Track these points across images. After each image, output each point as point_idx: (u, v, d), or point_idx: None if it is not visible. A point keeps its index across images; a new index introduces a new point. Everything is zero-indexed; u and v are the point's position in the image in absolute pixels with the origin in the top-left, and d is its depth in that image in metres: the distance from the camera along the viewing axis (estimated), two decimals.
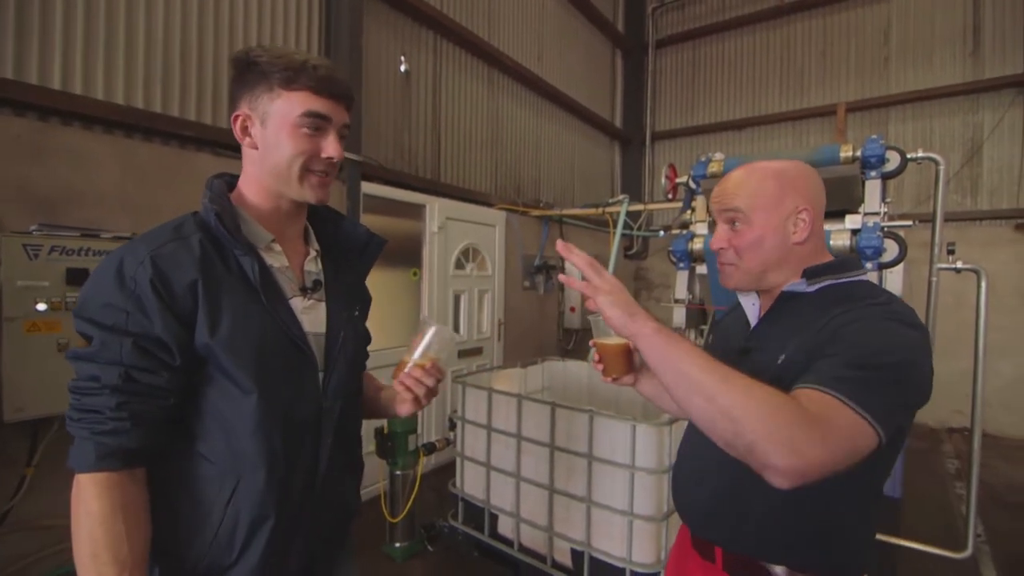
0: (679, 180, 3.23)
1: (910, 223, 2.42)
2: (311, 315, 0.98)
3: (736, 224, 1.03)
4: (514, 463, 2.38)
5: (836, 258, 1.04)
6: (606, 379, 1.18)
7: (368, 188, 3.60)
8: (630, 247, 7.39)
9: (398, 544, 2.98)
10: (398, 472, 2.97)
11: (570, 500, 2.19)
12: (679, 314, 2.95)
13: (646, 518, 2.01)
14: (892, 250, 2.30)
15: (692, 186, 2.91)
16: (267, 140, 0.92)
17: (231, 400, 0.87)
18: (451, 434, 2.87)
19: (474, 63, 4.79)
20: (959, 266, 2.55)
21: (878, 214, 2.40)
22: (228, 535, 0.87)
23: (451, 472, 2.77)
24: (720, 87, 7.22)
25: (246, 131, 0.93)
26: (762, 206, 1.00)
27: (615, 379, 1.18)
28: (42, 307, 1.97)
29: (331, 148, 0.93)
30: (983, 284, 2.52)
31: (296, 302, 0.96)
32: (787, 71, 6.73)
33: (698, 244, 2.79)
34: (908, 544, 2.57)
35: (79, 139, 2.31)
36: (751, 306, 1.10)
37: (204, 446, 0.88)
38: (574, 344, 5.89)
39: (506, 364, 3.60)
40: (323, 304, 1.01)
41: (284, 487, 0.90)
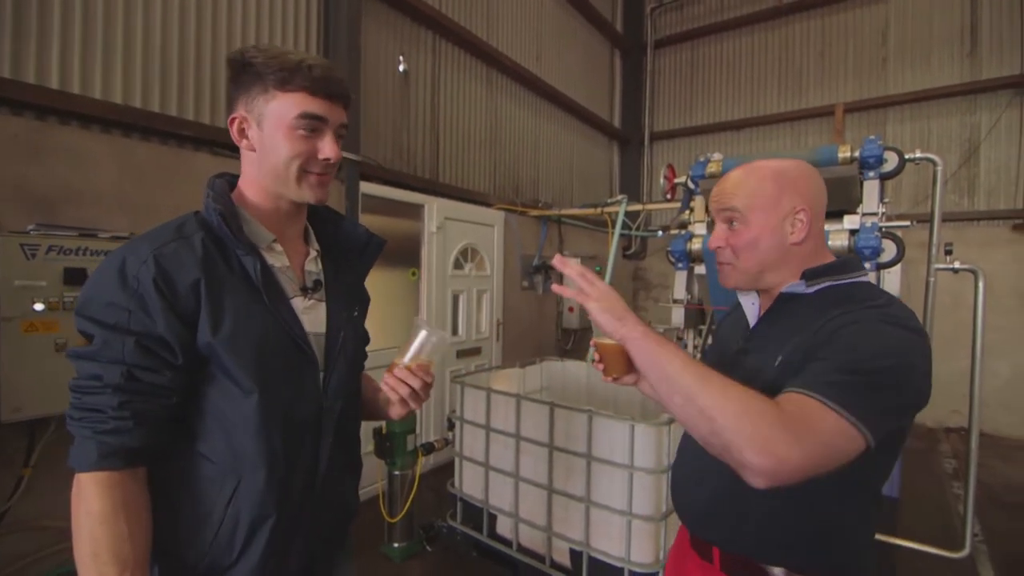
0: (678, 180, 3.23)
1: (908, 223, 2.44)
2: (311, 315, 0.98)
3: (734, 224, 1.03)
4: (513, 463, 2.38)
5: (837, 259, 1.04)
6: (607, 379, 1.18)
7: (367, 188, 3.60)
8: (628, 247, 7.39)
9: (396, 544, 2.98)
10: (397, 472, 2.96)
11: (569, 500, 2.19)
12: (677, 314, 2.96)
13: (645, 518, 2.01)
14: (890, 250, 2.32)
15: (690, 186, 2.92)
16: (264, 142, 0.91)
17: (232, 400, 0.87)
18: (450, 434, 2.86)
19: (473, 63, 4.79)
20: (957, 266, 2.56)
21: (876, 214, 2.41)
22: (228, 535, 0.87)
23: (450, 472, 2.76)
24: (719, 87, 7.23)
25: (243, 133, 0.93)
26: (759, 206, 1.00)
27: (615, 379, 1.18)
28: (40, 307, 1.96)
29: (328, 149, 0.92)
30: (980, 284, 2.53)
31: (297, 302, 0.96)
32: (785, 72, 6.74)
33: (696, 244, 2.80)
34: (906, 544, 2.58)
35: (77, 138, 2.30)
36: (751, 306, 1.10)
37: (205, 446, 0.88)
38: (572, 344, 5.88)
39: (505, 364, 3.60)
40: (323, 304, 1.01)
41: (284, 487, 0.90)
